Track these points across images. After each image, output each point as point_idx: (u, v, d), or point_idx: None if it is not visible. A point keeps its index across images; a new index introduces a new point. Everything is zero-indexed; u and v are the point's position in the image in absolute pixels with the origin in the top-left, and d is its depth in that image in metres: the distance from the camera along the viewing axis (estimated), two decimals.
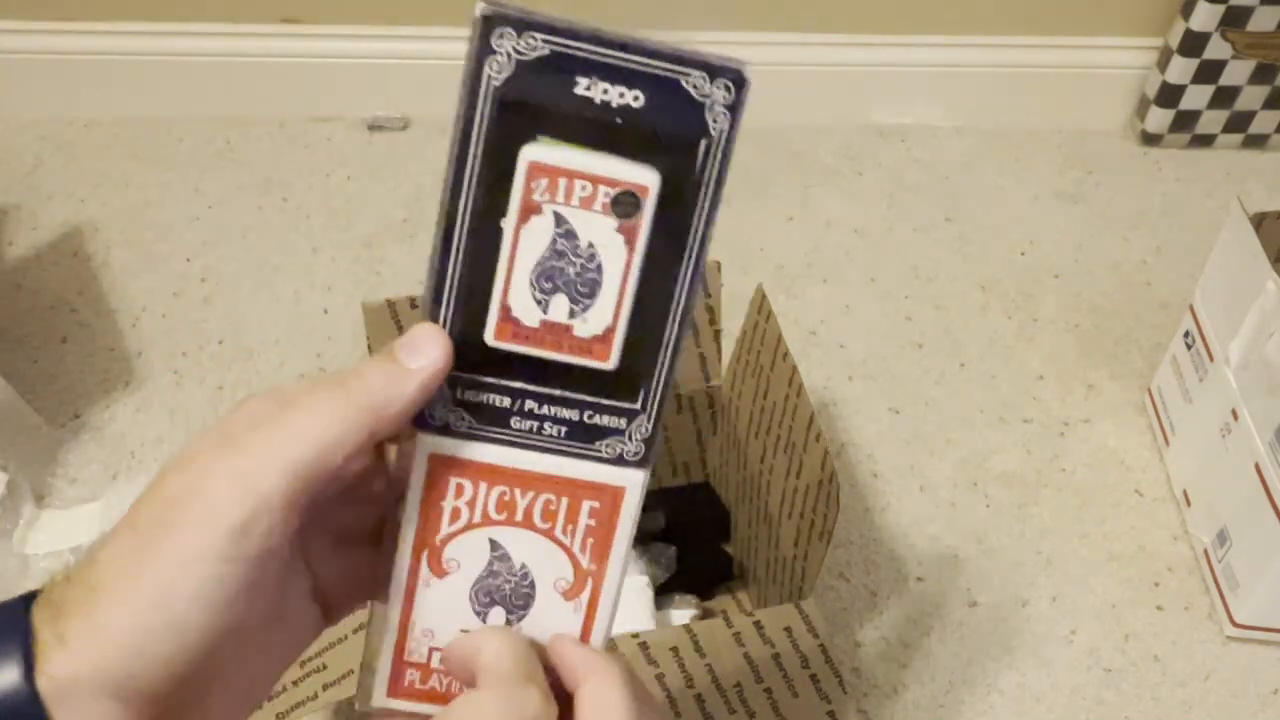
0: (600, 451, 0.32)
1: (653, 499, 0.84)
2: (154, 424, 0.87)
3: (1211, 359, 0.79)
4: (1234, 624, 0.77)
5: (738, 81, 0.29)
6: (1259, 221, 0.77)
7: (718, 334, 0.70)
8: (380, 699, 0.34)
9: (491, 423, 0.32)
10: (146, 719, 0.28)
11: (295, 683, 0.56)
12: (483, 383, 0.31)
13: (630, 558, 0.34)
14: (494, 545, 0.33)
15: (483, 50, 0.28)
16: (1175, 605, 0.80)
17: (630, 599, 0.70)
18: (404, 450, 0.32)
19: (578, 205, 0.30)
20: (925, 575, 0.81)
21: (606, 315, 0.31)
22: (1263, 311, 0.72)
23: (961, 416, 0.91)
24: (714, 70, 0.29)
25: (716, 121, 0.30)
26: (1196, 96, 1.09)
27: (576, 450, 0.32)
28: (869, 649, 0.76)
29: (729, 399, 0.72)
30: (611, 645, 0.35)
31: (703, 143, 0.30)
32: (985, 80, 1.14)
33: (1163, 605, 0.80)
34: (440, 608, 0.33)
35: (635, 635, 0.54)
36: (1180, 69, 1.07)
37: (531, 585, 0.33)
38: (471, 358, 0.31)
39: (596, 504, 0.33)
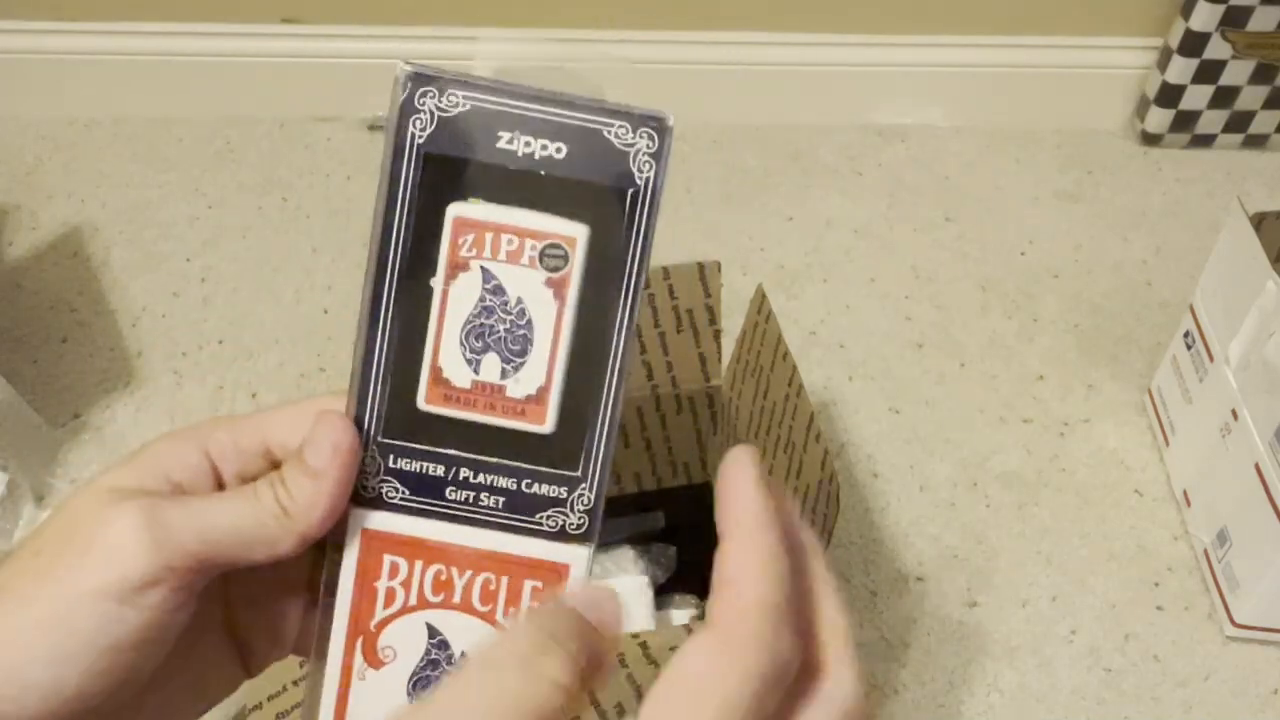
0: (541, 525, 0.31)
1: (653, 499, 0.84)
2: (154, 424, 0.87)
3: (1211, 359, 0.79)
4: (1234, 624, 0.77)
5: (660, 130, 0.29)
6: (1259, 221, 0.77)
7: (718, 334, 0.70)
8: None
9: (426, 494, 0.30)
10: None
11: (295, 683, 0.56)
12: (416, 450, 0.30)
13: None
14: (431, 631, 0.31)
15: (406, 108, 0.29)
16: (1175, 605, 0.80)
17: (630, 599, 0.70)
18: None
19: (505, 260, 0.29)
20: (925, 575, 0.81)
21: (539, 374, 0.30)
22: (1263, 311, 0.72)
23: (961, 416, 0.91)
24: (636, 120, 0.29)
25: (642, 170, 0.29)
26: (1196, 96, 1.09)
27: (516, 523, 0.31)
28: (869, 649, 0.76)
29: (729, 399, 0.72)
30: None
31: (629, 192, 0.29)
32: (985, 80, 1.14)
33: (1163, 605, 0.80)
34: (376, 703, 0.31)
35: (635, 635, 0.54)
36: (1180, 69, 1.07)
37: None
38: (404, 424, 0.30)
39: (539, 584, 0.31)
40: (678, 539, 0.75)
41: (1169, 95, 1.09)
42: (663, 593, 0.73)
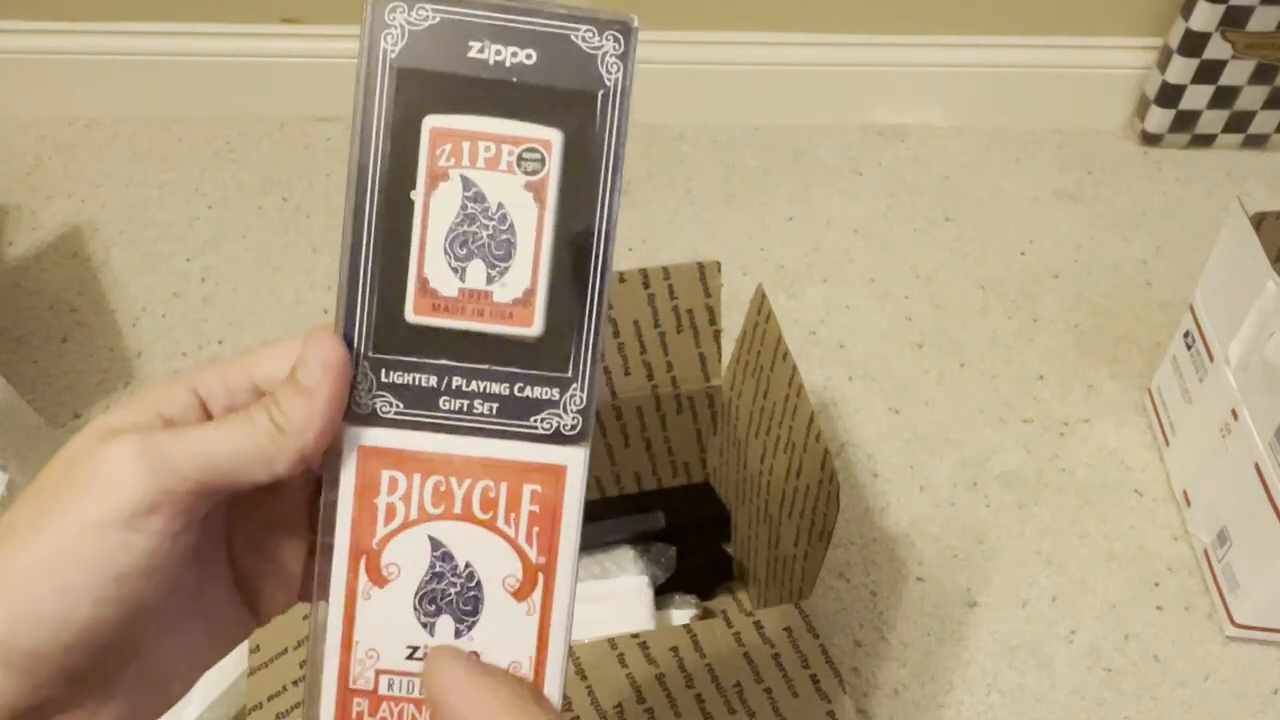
0: (535, 427, 0.31)
1: (653, 499, 0.84)
2: None
3: (1211, 359, 0.79)
4: (1234, 624, 0.77)
5: (625, 31, 0.30)
6: (1259, 221, 0.77)
7: (718, 334, 0.70)
8: None
9: (420, 406, 0.31)
10: (38, 691, 0.27)
11: (295, 683, 0.57)
12: (407, 363, 0.31)
13: (578, 552, 0.32)
14: (434, 544, 0.31)
15: (376, 25, 0.30)
16: (1175, 605, 0.80)
17: (630, 599, 0.70)
18: (331, 445, 0.31)
19: (484, 167, 0.30)
20: (925, 575, 0.81)
21: (524, 277, 0.30)
22: (1263, 311, 0.72)
23: (961, 416, 0.91)
24: (601, 23, 0.30)
25: (610, 72, 0.30)
26: (1196, 96, 1.09)
27: (510, 429, 0.31)
28: (869, 649, 0.76)
29: (729, 399, 0.72)
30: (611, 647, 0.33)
31: (599, 93, 0.30)
32: (985, 80, 1.14)
33: (1163, 605, 0.80)
34: (383, 622, 0.31)
35: (635, 635, 0.54)
36: (1180, 69, 1.07)
37: (479, 587, 0.31)
38: (394, 337, 0.30)
39: (538, 488, 0.31)
40: (678, 539, 0.75)
41: (1169, 95, 1.09)
42: (663, 593, 0.73)
